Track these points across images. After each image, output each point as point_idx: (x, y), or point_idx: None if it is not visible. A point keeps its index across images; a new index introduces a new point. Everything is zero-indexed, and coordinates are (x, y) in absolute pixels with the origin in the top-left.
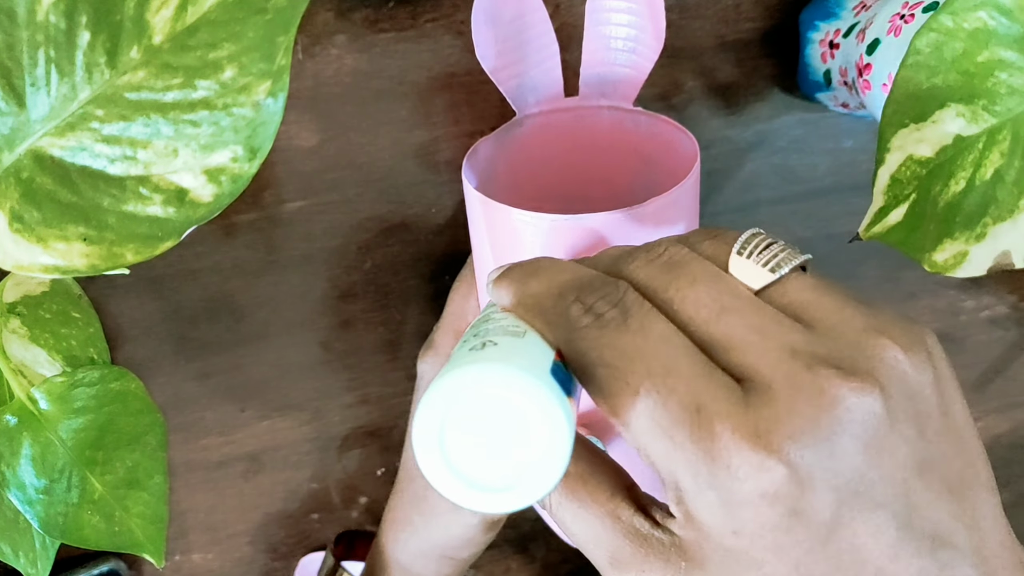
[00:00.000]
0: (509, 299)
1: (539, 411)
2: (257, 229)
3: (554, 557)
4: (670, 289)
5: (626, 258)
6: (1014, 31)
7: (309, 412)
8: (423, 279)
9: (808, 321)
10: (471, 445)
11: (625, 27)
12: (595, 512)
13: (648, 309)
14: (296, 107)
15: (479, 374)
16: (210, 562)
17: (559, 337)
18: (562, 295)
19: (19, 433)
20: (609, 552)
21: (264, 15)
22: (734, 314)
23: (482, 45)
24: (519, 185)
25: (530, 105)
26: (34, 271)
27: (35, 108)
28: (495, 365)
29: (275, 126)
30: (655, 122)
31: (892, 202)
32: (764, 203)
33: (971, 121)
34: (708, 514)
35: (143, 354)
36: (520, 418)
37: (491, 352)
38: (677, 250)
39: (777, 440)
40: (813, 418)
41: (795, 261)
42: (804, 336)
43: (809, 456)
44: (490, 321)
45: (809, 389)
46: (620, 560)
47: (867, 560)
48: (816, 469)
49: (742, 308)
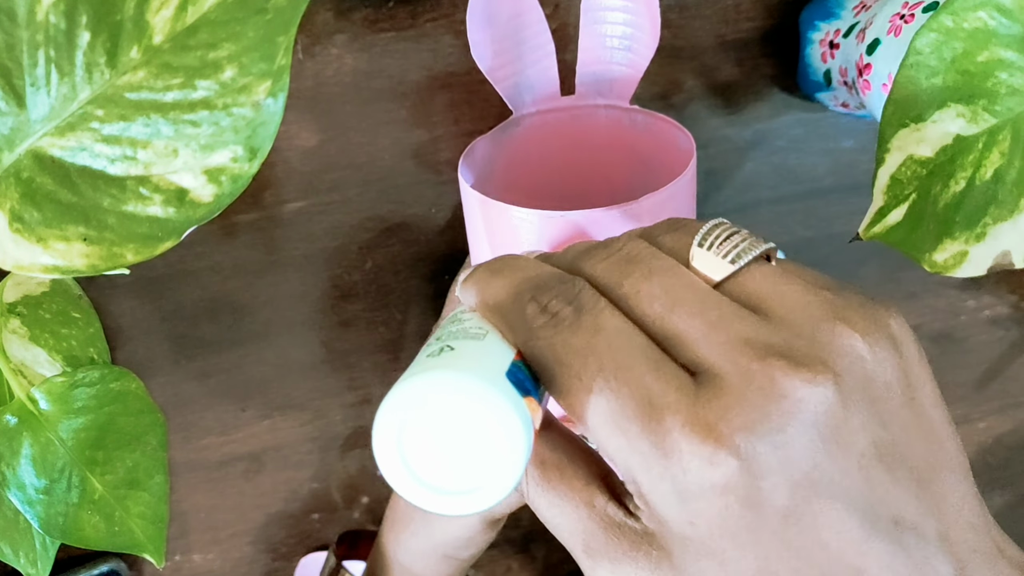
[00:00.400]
0: (473, 299)
1: (493, 415)
2: (257, 229)
3: (555, 557)
4: (625, 284)
5: (586, 254)
6: (1014, 31)
7: (310, 412)
8: (423, 279)
9: (766, 311)
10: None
11: (621, 25)
12: (570, 500)
13: (603, 306)
14: (296, 107)
15: (431, 382)
16: (210, 562)
17: (517, 337)
18: (519, 294)
19: (19, 433)
20: (583, 540)
21: (264, 15)
22: (688, 307)
23: (478, 45)
24: (516, 184)
25: (527, 104)
26: (34, 271)
27: (35, 108)
28: (447, 372)
29: (275, 126)
30: (652, 120)
31: (892, 202)
32: (764, 203)
33: (971, 121)
34: (665, 506)
35: (143, 354)
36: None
37: (446, 358)
38: (635, 245)
39: (728, 432)
40: (763, 409)
41: (756, 251)
42: (759, 327)
43: (761, 447)
44: (456, 323)
45: (760, 380)
46: (593, 548)
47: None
48: (768, 460)
49: (697, 301)
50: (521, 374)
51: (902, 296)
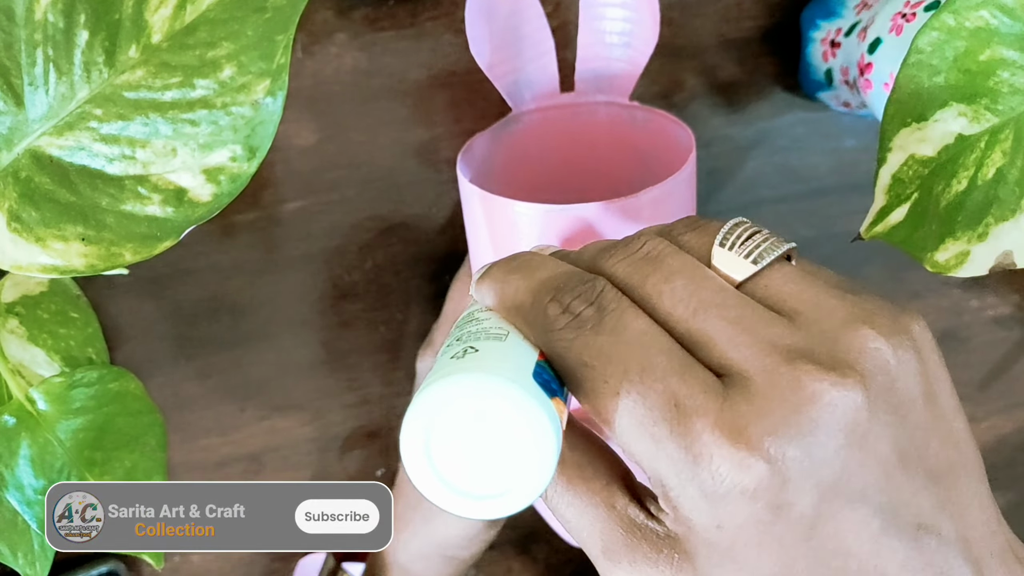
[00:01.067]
0: (491, 299)
1: (522, 418)
2: (257, 229)
3: (556, 558)
4: (647, 284)
5: (605, 253)
6: (1016, 30)
7: (309, 412)
8: (424, 278)
9: (789, 313)
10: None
11: (620, 21)
12: (589, 501)
13: (626, 306)
14: (295, 106)
15: (459, 385)
16: (210, 563)
17: (539, 338)
18: (540, 294)
19: (17, 434)
20: (602, 541)
21: (263, 14)
22: (712, 309)
23: (477, 41)
24: (516, 181)
25: (526, 101)
26: (32, 271)
27: (33, 107)
28: (475, 375)
29: (274, 125)
30: (652, 116)
31: (894, 201)
32: (765, 202)
33: (973, 120)
34: (692, 509)
35: (142, 354)
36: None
37: (471, 361)
38: (656, 243)
39: (757, 436)
40: (793, 414)
41: (778, 251)
42: (784, 329)
43: (790, 452)
44: (473, 322)
45: (789, 384)
46: (612, 550)
47: (851, 553)
48: (797, 464)
49: (721, 302)
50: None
51: (905, 296)
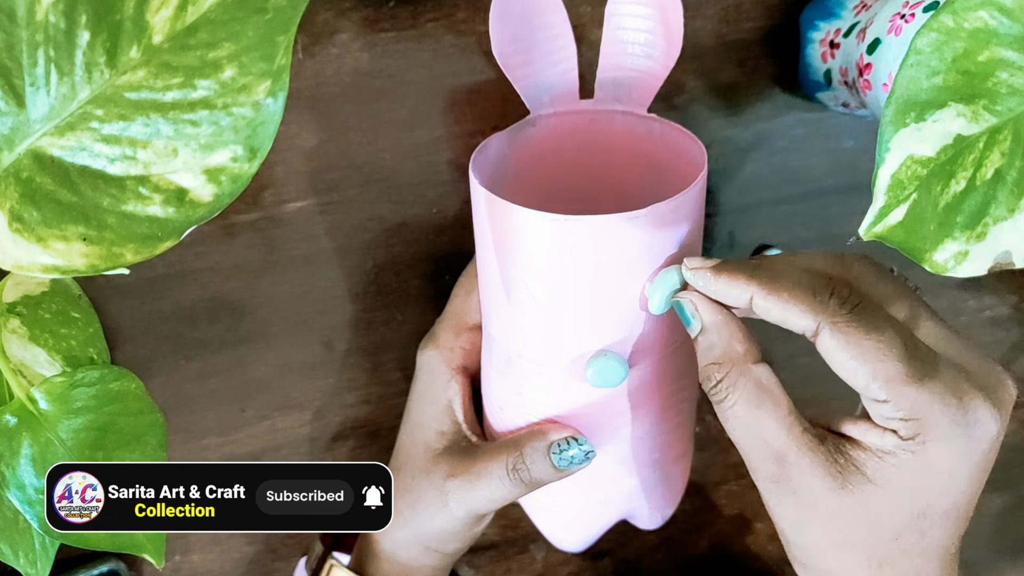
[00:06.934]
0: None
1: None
2: (257, 229)
3: (555, 559)
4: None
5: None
6: (1015, 31)
7: (310, 412)
8: (425, 279)
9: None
10: None
11: (643, 32)
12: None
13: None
14: (296, 107)
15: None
16: (210, 562)
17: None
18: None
19: (19, 433)
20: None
21: (264, 14)
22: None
23: (499, 42)
24: (528, 184)
25: (544, 105)
26: (34, 271)
27: (35, 108)
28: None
29: (275, 126)
30: (667, 129)
31: (893, 202)
32: (764, 203)
33: (972, 121)
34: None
35: (143, 354)
36: None
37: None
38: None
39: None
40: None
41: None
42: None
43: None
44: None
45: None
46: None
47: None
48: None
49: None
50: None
51: None
